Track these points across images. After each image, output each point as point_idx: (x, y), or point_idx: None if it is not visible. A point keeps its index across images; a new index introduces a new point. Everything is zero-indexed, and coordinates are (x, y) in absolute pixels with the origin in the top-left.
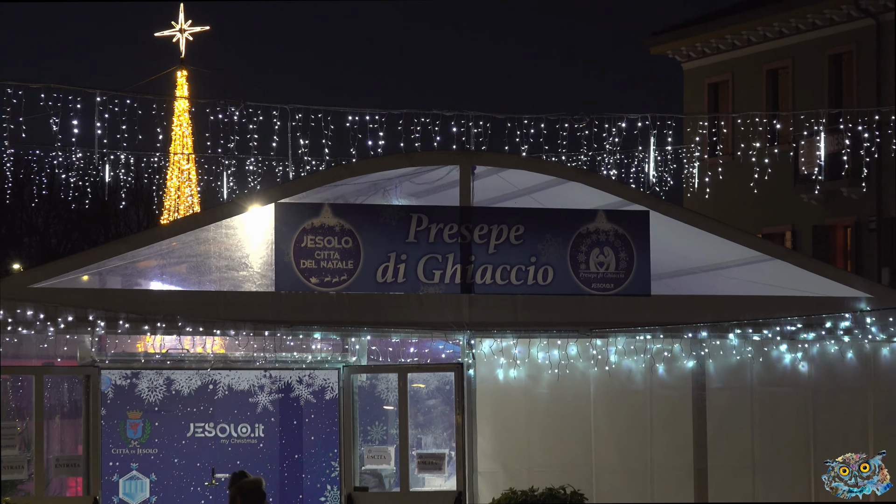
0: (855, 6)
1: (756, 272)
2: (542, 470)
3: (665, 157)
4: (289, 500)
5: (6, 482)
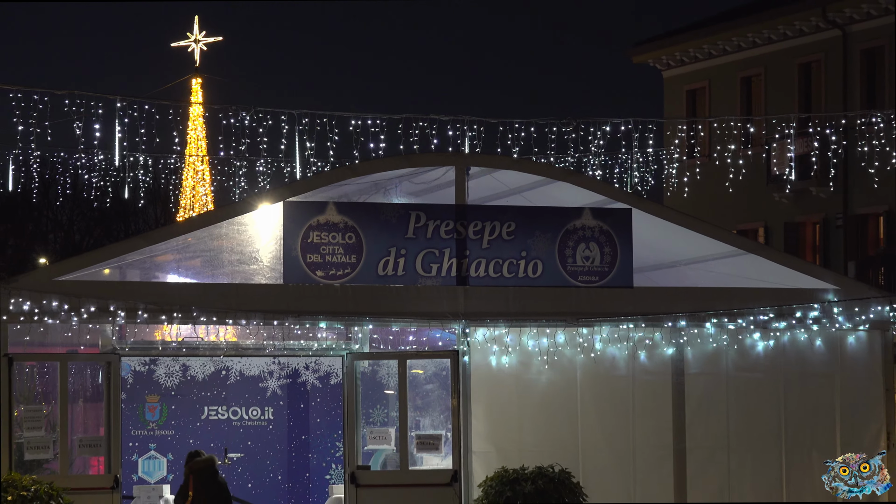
0: (823, 18)
1: (731, 266)
2: (531, 450)
3: (646, 159)
4: (296, 478)
5: (33, 461)
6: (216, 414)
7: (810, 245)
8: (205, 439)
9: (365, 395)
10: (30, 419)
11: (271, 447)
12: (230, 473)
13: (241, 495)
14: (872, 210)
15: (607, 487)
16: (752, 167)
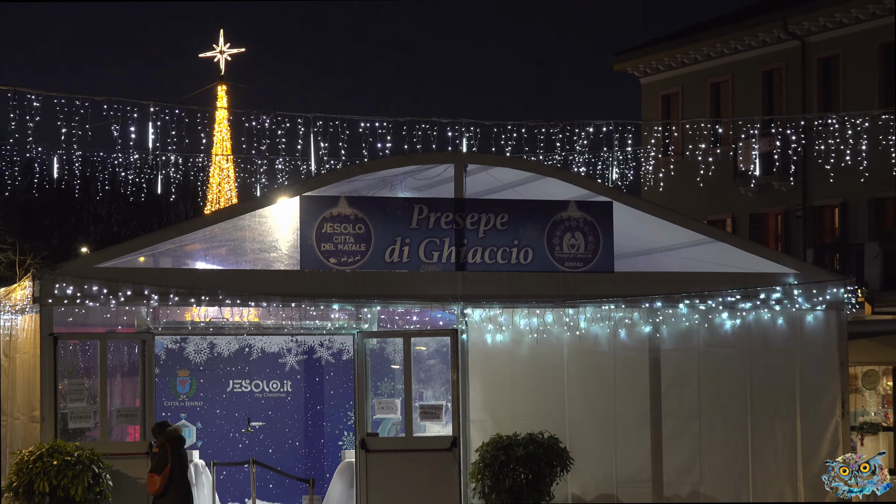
0: (783, 30)
1: (702, 252)
2: (523, 418)
3: (626, 157)
4: (312, 444)
5: (76, 430)
6: (240, 387)
7: (773, 234)
8: (230, 409)
9: (373, 370)
10: (73, 392)
11: (290, 416)
12: (253, 440)
13: (262, 459)
14: (828, 202)
15: (591, 452)
16: (721, 164)
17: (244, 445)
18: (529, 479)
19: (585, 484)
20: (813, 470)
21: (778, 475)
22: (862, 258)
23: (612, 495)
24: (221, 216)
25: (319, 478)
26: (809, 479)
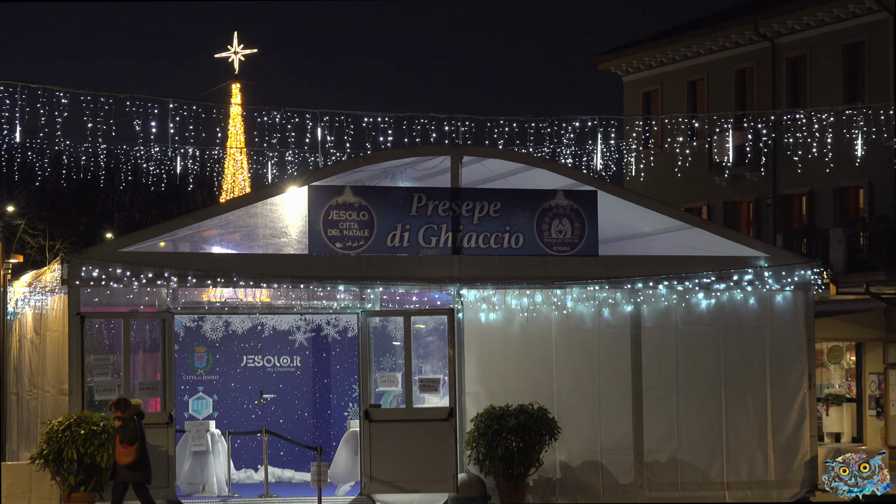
0: (755, 32)
1: (679, 237)
2: (514, 391)
3: (609, 149)
4: (320, 414)
5: (101, 401)
6: (253, 362)
7: (745, 220)
8: (244, 383)
9: (376, 346)
10: (98, 366)
11: (299, 389)
12: (265, 411)
13: (274, 429)
14: (797, 191)
15: (577, 422)
16: (697, 156)
17: (257, 416)
18: (520, 446)
19: (572, 451)
20: (782, 439)
21: (750, 443)
22: (827, 243)
23: (597, 462)
24: (235, 204)
25: (326, 446)
26: (779, 447)
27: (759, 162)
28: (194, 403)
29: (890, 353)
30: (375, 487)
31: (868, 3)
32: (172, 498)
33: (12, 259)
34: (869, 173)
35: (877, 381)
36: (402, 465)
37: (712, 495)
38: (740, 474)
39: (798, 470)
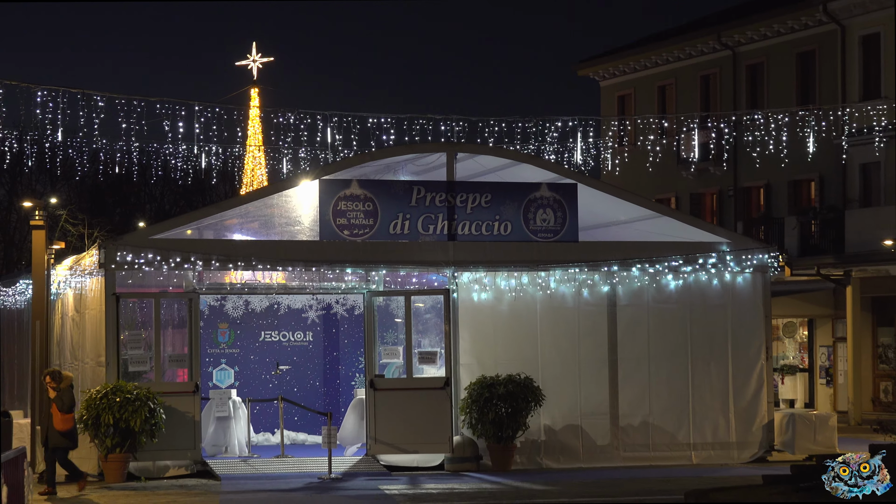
0: (718, 41)
1: (651, 225)
2: (504, 362)
3: (588, 147)
4: (330, 384)
5: (135, 372)
6: (270, 336)
7: (709, 210)
8: (262, 356)
9: (380, 323)
10: (132, 341)
11: (311, 361)
12: (281, 380)
13: (289, 396)
14: (755, 184)
15: (559, 390)
16: (666, 152)
17: (273, 385)
18: (509, 412)
19: (555, 416)
20: (742, 404)
21: (713, 408)
22: (782, 230)
23: (577, 426)
24: (254, 196)
25: (336, 412)
26: (739, 412)
27: (722, 158)
28: (218, 374)
29: (838, 328)
30: (380, 448)
31: (819, 16)
32: (198, 458)
33: (55, 245)
34: (819, 168)
35: (826, 353)
36: (403, 429)
37: (680, 455)
38: (705, 436)
39: (756, 432)
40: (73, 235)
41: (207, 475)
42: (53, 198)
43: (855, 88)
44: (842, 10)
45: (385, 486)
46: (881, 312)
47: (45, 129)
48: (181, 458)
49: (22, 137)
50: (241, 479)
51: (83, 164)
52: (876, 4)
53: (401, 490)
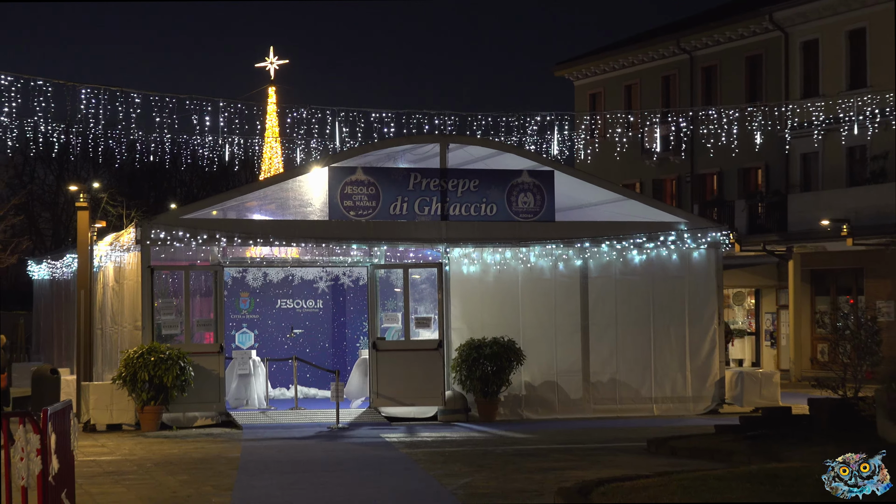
0: (677, 46)
1: (618, 207)
2: (489, 327)
3: (563, 139)
4: (337, 346)
5: (167, 335)
6: (285, 304)
7: (669, 194)
8: (278, 321)
9: (382, 292)
10: (165, 308)
11: (321, 326)
12: (294, 343)
13: (302, 356)
14: (709, 171)
15: (538, 351)
16: (632, 143)
17: (288, 347)
18: (494, 370)
19: (534, 374)
20: (697, 363)
21: (672, 366)
22: (733, 211)
23: (553, 382)
24: (271, 181)
25: (343, 370)
26: (695, 370)
27: (680, 148)
28: (239, 337)
29: (781, 297)
30: (381, 402)
31: (765, 25)
32: (223, 410)
33: (97, 224)
34: (765, 157)
35: (771, 319)
36: (401, 385)
37: (643, 408)
38: (665, 391)
39: (710, 388)
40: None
41: (231, 425)
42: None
43: (796, 88)
44: (785, 20)
45: (386, 435)
46: (819, 283)
47: (88, 122)
48: (208, 410)
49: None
50: (259, 429)
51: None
52: (815, 14)
53: (399, 438)
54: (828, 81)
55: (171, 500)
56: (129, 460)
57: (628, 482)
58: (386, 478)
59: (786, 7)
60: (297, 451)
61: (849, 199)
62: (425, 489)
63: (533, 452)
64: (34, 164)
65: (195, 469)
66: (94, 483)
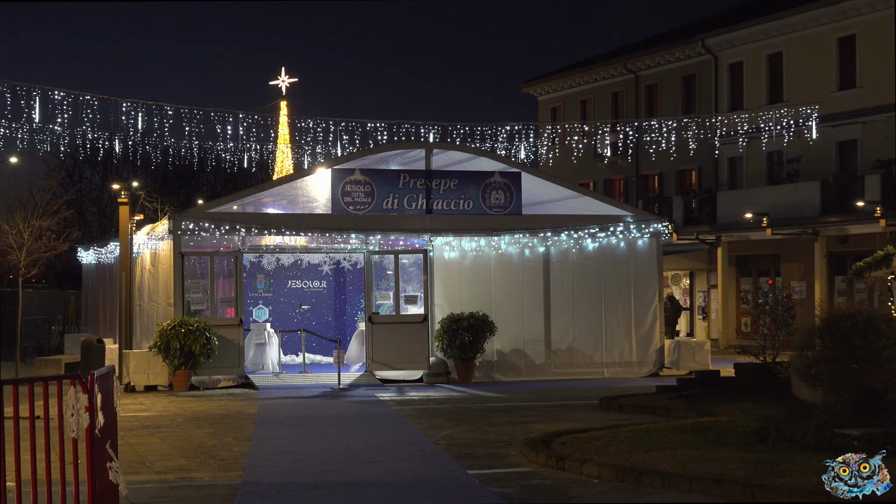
0: (624, 67)
1: (575, 202)
2: (467, 303)
3: (529, 145)
4: (339, 319)
5: (195, 310)
6: (295, 284)
7: (618, 191)
8: (290, 298)
9: (376, 274)
10: (193, 287)
11: (325, 302)
12: (303, 317)
13: (309, 328)
14: (651, 172)
15: (507, 323)
16: (586, 149)
17: (298, 320)
18: (470, 339)
19: (504, 343)
20: (641, 334)
21: (620, 336)
22: (671, 206)
23: (521, 350)
24: (283, 181)
25: (343, 339)
26: (639, 339)
27: (627, 153)
28: (256, 312)
29: (711, 278)
30: (375, 366)
31: (698, 49)
32: (242, 373)
33: (136, 217)
34: (698, 161)
35: (703, 297)
36: (393, 352)
37: (596, 371)
38: (614, 357)
39: (652, 354)
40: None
41: (249, 386)
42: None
43: (724, 102)
44: (715, 45)
45: (379, 394)
46: (743, 267)
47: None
48: (229, 374)
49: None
50: (273, 389)
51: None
52: (740, 41)
53: (391, 397)
54: (750, 97)
55: (199, 449)
56: (162, 416)
57: (583, 433)
58: (380, 430)
59: (715, 35)
60: (305, 408)
61: (768, 195)
62: (413, 440)
63: (503, 409)
64: (83, 166)
65: (219, 423)
66: (134, 435)
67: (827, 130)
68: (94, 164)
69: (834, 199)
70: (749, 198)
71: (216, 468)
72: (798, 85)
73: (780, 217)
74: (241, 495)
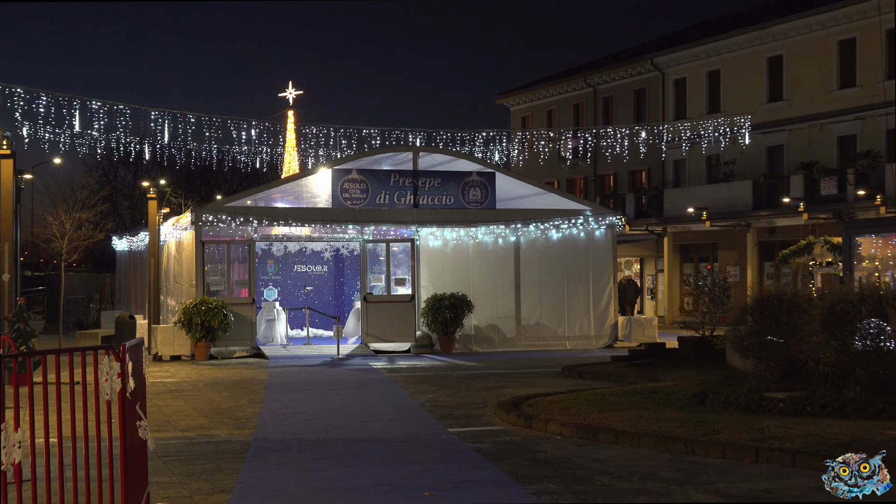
0: (584, 82)
1: (542, 198)
2: (448, 285)
3: (502, 149)
4: (338, 298)
5: (214, 291)
6: (300, 269)
7: (579, 189)
8: (296, 281)
9: (370, 260)
10: (212, 271)
11: (327, 284)
12: (307, 296)
13: (312, 307)
14: (607, 172)
15: (483, 303)
16: (552, 153)
17: (303, 299)
18: (451, 316)
19: (481, 319)
20: (598, 311)
21: (580, 313)
22: (624, 201)
23: (495, 325)
24: (290, 179)
25: (342, 316)
26: (597, 316)
27: (587, 156)
28: (267, 292)
29: (658, 263)
30: (370, 339)
31: (648, 66)
32: (254, 345)
33: (163, 210)
34: (648, 162)
35: (651, 279)
36: (384, 327)
37: (559, 343)
38: (574, 331)
39: (607, 329)
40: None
41: (260, 356)
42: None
43: (670, 112)
44: (662, 63)
45: (373, 363)
46: (685, 254)
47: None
48: (244, 346)
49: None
50: (281, 359)
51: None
52: (684, 59)
53: (383, 365)
54: (692, 108)
55: (217, 410)
56: (185, 381)
57: (548, 397)
58: (373, 394)
59: (663, 54)
60: (309, 374)
61: (707, 193)
62: (401, 402)
63: (479, 376)
64: (117, 166)
65: (235, 388)
66: (161, 398)
67: (758, 137)
68: (126, 164)
69: (764, 195)
70: (691, 195)
71: (232, 426)
72: (733, 98)
73: (717, 211)
74: (253, 449)
